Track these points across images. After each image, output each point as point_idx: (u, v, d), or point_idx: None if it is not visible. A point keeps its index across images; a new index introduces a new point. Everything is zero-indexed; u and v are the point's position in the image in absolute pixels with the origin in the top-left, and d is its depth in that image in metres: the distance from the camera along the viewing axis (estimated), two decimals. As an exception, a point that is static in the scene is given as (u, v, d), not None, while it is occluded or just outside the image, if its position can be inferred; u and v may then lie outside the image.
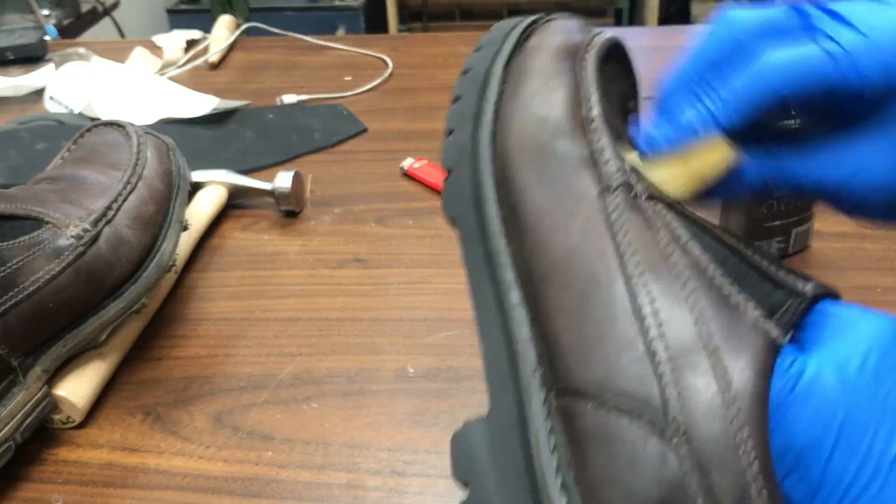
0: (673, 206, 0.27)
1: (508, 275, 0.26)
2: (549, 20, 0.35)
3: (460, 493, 0.24)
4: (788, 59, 0.27)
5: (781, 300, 0.25)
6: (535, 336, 0.25)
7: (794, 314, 0.24)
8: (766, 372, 0.23)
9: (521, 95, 0.30)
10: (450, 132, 0.31)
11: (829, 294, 0.25)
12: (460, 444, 0.24)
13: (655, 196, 0.27)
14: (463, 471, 0.24)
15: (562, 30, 0.34)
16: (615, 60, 0.34)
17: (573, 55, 0.32)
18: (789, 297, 0.25)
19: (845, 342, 0.23)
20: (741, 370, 0.22)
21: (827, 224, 0.57)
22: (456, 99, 0.32)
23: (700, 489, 0.21)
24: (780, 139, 0.31)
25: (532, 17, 0.36)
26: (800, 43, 0.28)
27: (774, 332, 0.24)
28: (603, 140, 0.28)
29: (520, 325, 0.25)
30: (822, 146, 0.30)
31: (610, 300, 0.24)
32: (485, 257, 0.27)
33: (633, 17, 2.68)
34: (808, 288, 0.25)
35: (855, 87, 0.27)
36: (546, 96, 0.30)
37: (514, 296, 0.26)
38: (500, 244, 0.27)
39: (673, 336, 0.23)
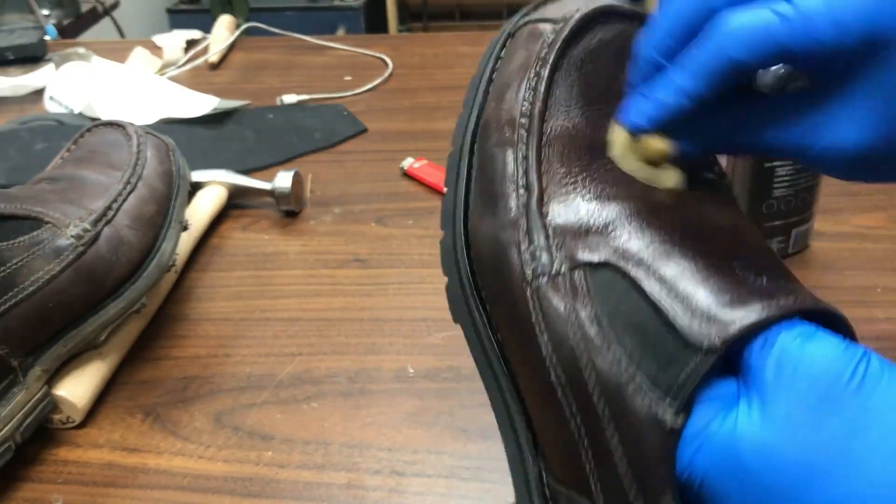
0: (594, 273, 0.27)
1: (502, 378, 0.30)
2: (525, 23, 0.33)
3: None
4: (743, 25, 0.26)
5: (678, 368, 0.24)
6: (528, 430, 0.29)
7: (692, 382, 0.24)
8: (667, 461, 0.24)
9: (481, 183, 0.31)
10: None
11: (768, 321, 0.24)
12: None
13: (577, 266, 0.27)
14: None
15: (523, 45, 0.33)
16: (606, 29, 0.33)
17: (528, 67, 0.32)
18: (690, 358, 0.24)
19: (776, 405, 0.22)
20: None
21: (827, 224, 0.57)
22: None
23: None
24: (747, 104, 0.30)
25: (514, 20, 0.34)
26: (755, 7, 0.27)
27: (669, 417, 0.24)
28: (523, 223, 0.29)
29: (519, 422, 0.29)
30: (788, 111, 0.29)
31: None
32: (482, 353, 0.30)
33: (633, 17, 2.68)
34: (713, 339, 0.24)
35: (809, 50, 0.26)
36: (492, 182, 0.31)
37: (510, 395, 0.29)
38: (489, 344, 0.30)
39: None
